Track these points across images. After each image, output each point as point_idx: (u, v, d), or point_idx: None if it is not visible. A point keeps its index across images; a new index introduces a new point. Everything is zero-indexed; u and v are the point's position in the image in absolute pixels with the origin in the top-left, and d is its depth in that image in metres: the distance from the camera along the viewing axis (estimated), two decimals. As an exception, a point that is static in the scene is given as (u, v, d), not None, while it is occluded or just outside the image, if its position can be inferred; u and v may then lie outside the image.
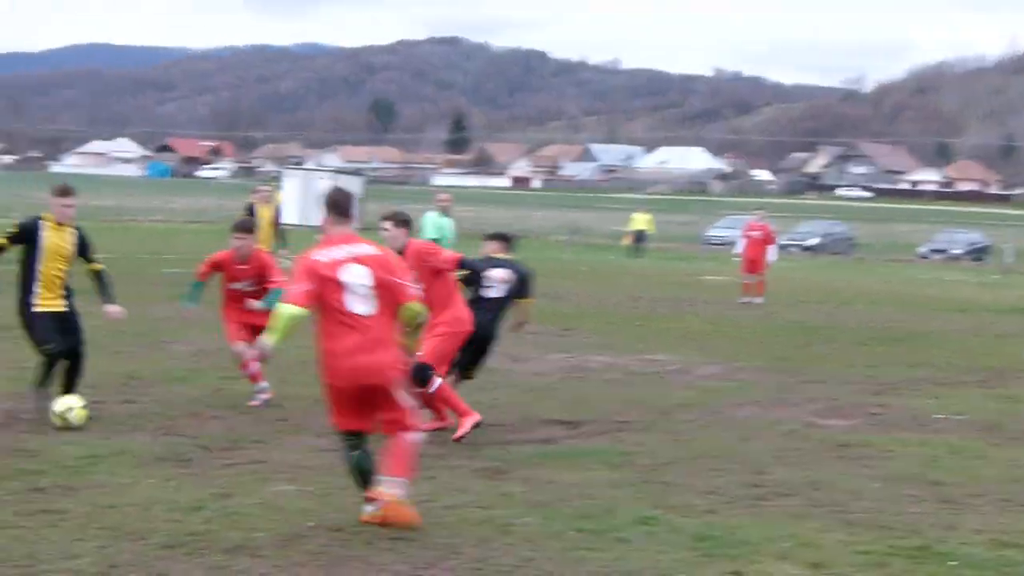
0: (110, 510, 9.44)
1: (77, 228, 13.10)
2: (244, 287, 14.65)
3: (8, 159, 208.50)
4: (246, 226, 15.07)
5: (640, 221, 58.60)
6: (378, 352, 9.21)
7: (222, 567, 8.18)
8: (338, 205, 9.48)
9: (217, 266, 14.84)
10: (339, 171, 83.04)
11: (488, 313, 13.99)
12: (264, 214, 24.13)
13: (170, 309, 23.78)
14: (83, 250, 13.11)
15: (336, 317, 9.18)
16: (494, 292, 14.00)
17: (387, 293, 9.30)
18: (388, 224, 12.87)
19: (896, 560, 8.97)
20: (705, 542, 9.17)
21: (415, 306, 9.53)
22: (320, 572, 8.18)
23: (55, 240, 12.83)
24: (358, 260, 9.28)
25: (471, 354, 13.98)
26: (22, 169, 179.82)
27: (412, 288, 9.59)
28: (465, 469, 11.45)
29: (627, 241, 58.42)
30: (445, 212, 23.37)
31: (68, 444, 11.70)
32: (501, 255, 14.44)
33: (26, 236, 12.76)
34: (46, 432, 12.31)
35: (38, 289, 12.79)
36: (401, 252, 12.64)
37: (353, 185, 64.24)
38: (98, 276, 13.27)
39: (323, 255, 9.27)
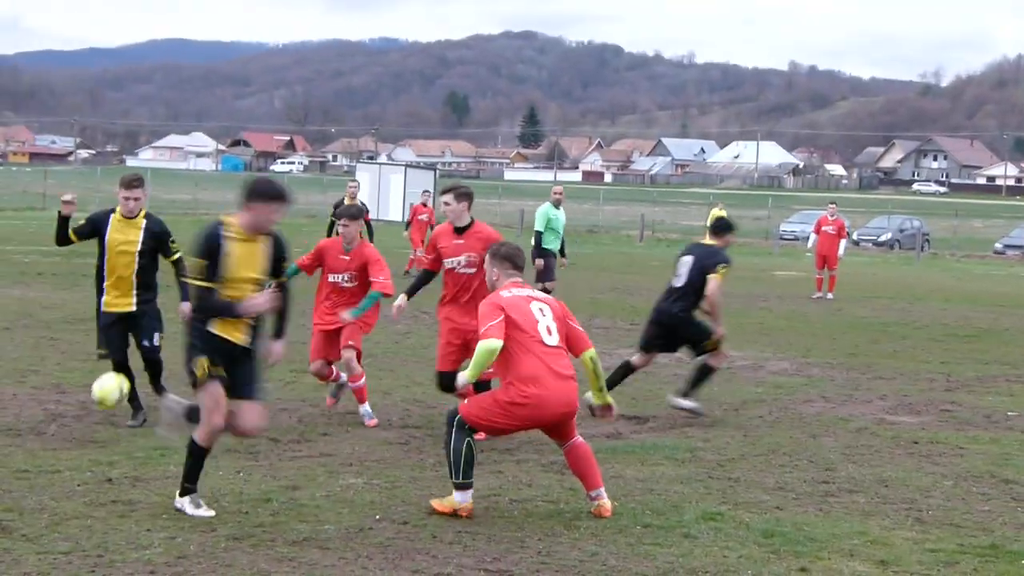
0: (179, 501, 9.51)
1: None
2: (342, 281, 13.46)
3: (85, 153, 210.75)
4: (352, 212, 13.75)
5: (716, 217, 58.65)
6: (570, 381, 9.57)
7: (289, 559, 8.22)
8: (513, 259, 10.06)
9: (321, 254, 13.60)
10: (411, 165, 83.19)
11: (670, 301, 14.43)
12: None
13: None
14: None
15: (531, 348, 9.47)
16: (676, 281, 14.45)
17: (563, 334, 9.73)
18: (448, 197, 12.45)
19: (966, 559, 8.88)
20: (772, 539, 9.12)
21: (592, 353, 9.90)
22: (387, 565, 8.21)
23: (120, 234, 12.62)
24: (540, 300, 9.81)
25: (663, 341, 14.32)
26: (98, 163, 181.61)
27: (587, 337, 9.93)
28: (532, 463, 11.46)
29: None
30: (558, 205, 23.61)
31: (139, 436, 11.81)
32: (706, 241, 14.58)
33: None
34: (117, 424, 12.45)
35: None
36: (464, 229, 12.42)
37: (426, 179, 64.52)
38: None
39: (510, 293, 9.74)
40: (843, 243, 33.78)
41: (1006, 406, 15.90)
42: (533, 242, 23.37)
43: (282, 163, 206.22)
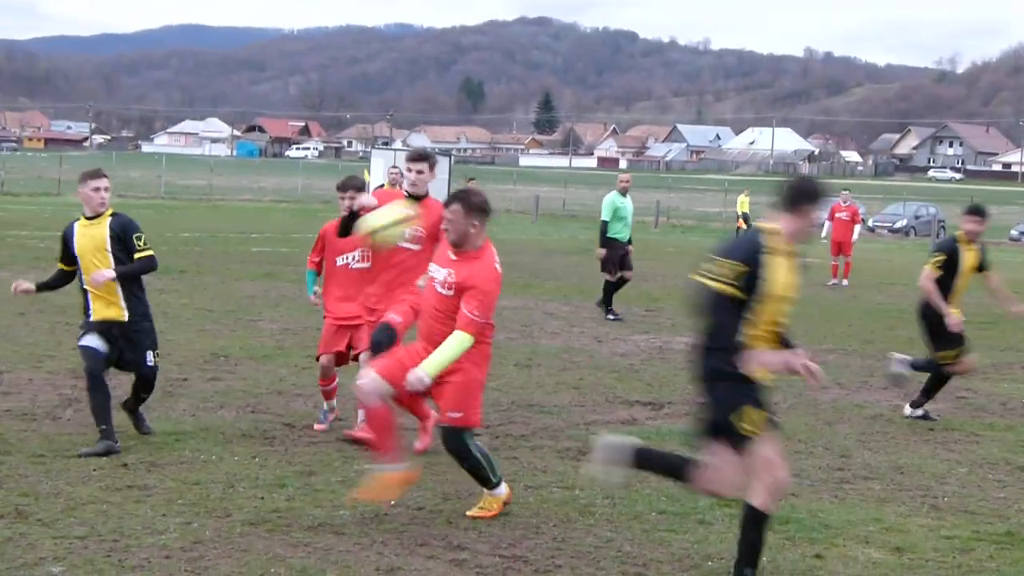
0: (195, 486, 9.53)
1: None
2: (352, 261, 11.94)
3: (100, 138, 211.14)
4: (356, 184, 11.87)
5: (745, 204, 58.49)
6: None
7: (304, 544, 8.23)
8: (488, 211, 8.95)
9: (323, 241, 12.09)
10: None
11: None
12: None
13: (257, 287, 24.02)
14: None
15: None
16: None
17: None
18: (423, 165, 10.88)
19: (982, 545, 8.87)
20: (788, 525, 9.11)
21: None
22: (402, 550, 8.21)
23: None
24: None
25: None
26: (114, 148, 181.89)
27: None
28: (547, 449, 11.44)
29: (740, 225, 58.17)
30: (625, 193, 23.40)
31: (154, 421, 11.82)
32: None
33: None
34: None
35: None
36: (421, 198, 10.97)
37: (441, 165, 64.48)
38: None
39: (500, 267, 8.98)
40: (857, 228, 33.78)
41: (1022, 393, 15.88)
42: (599, 232, 22.97)
43: (297, 149, 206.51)
